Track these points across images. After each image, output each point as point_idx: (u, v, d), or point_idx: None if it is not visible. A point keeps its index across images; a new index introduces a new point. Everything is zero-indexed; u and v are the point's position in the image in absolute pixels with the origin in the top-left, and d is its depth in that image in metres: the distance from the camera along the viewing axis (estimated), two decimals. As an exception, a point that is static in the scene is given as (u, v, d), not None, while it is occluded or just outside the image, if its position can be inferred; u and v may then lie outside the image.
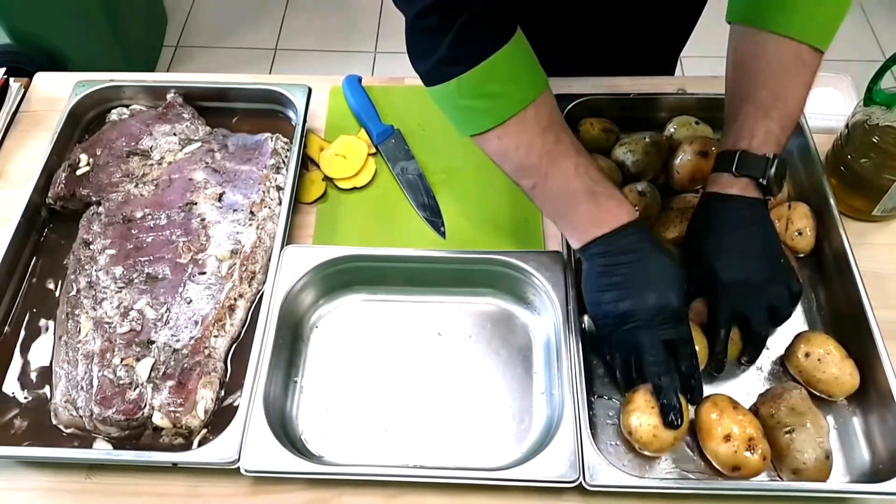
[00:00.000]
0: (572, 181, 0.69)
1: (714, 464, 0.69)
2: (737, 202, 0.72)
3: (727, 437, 0.67)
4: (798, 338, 0.75)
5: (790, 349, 0.75)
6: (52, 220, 0.88)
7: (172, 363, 0.73)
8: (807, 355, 0.73)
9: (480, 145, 0.71)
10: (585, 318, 0.77)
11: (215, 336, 0.76)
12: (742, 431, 0.67)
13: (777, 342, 0.77)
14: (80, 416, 0.71)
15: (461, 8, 0.63)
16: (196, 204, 0.85)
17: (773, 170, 0.71)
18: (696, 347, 0.70)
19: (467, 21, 0.63)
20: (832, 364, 0.72)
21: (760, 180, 0.72)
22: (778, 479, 0.69)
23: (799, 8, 0.71)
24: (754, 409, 0.72)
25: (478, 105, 0.67)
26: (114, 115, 0.95)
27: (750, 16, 0.74)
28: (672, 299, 0.68)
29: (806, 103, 0.74)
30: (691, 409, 0.70)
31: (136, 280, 0.79)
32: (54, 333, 0.78)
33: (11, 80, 1.02)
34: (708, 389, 0.73)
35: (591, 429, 0.68)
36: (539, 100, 0.68)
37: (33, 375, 0.76)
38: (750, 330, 0.72)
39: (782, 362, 0.76)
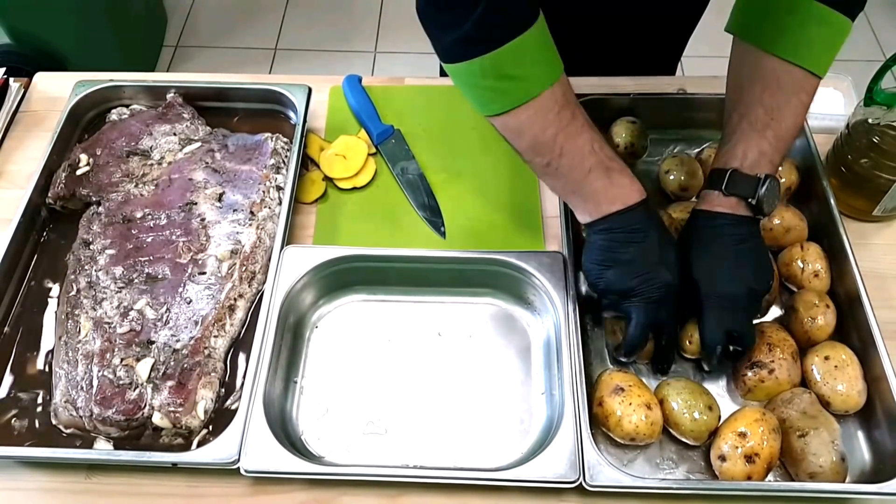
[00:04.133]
0: (587, 157, 0.69)
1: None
2: (724, 219, 0.73)
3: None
4: (818, 345, 0.75)
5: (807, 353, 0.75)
6: (52, 220, 0.88)
7: (172, 363, 0.73)
8: (826, 358, 0.73)
9: (494, 123, 0.71)
10: (582, 286, 0.77)
11: (215, 336, 0.76)
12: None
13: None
14: (80, 417, 0.71)
15: None
16: (196, 204, 0.85)
17: (763, 189, 0.71)
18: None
19: (493, 2, 0.62)
20: (845, 378, 0.72)
21: (750, 200, 0.72)
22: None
23: (799, 33, 0.71)
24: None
25: (498, 86, 0.67)
26: (114, 115, 0.95)
27: (752, 34, 0.74)
28: (673, 281, 0.70)
29: (802, 125, 0.74)
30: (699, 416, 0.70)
31: (135, 280, 0.79)
32: (54, 333, 0.78)
33: (11, 80, 1.01)
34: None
35: (591, 429, 0.68)
36: (557, 83, 0.68)
37: (33, 376, 0.76)
38: (740, 347, 0.73)
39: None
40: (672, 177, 0.87)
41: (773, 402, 0.72)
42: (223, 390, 0.75)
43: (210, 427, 0.72)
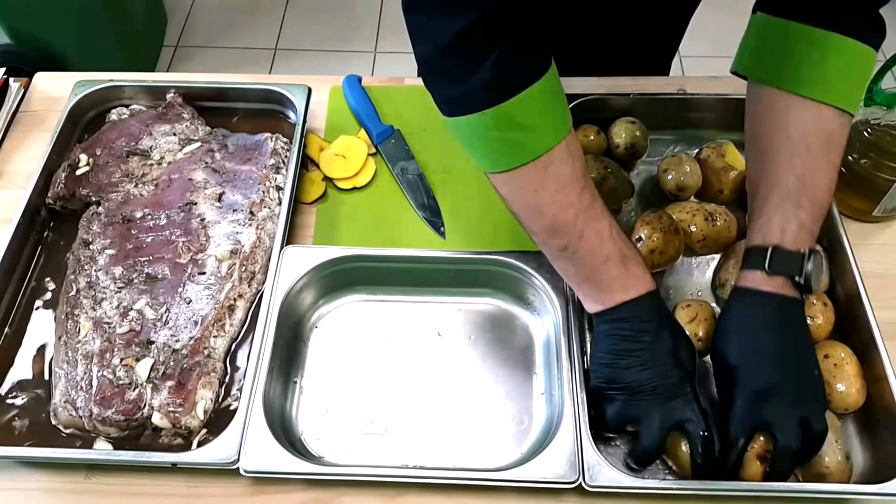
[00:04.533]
0: (606, 244, 0.66)
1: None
2: (772, 300, 0.67)
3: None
4: (817, 344, 0.74)
5: None
6: (51, 220, 0.88)
7: (172, 363, 0.73)
8: (826, 357, 0.72)
9: (506, 182, 0.66)
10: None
11: (215, 336, 0.76)
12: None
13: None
14: (80, 417, 0.71)
15: (500, 33, 0.58)
16: (196, 204, 0.85)
17: (809, 265, 0.67)
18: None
19: (506, 49, 0.58)
20: (844, 376, 0.71)
21: (797, 278, 0.67)
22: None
23: (824, 66, 0.66)
24: None
25: (512, 137, 0.62)
26: (113, 115, 0.95)
27: (768, 73, 0.69)
28: (686, 375, 0.66)
29: (834, 187, 0.69)
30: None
31: (135, 280, 0.79)
32: (54, 333, 0.78)
33: (11, 80, 1.01)
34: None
35: (590, 429, 0.68)
36: (569, 135, 0.64)
37: (33, 375, 0.76)
38: (777, 444, 0.65)
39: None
40: (670, 176, 0.87)
41: None
42: (223, 390, 0.75)
43: (209, 427, 0.72)
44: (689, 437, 0.65)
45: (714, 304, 0.79)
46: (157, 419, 0.71)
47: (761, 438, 0.66)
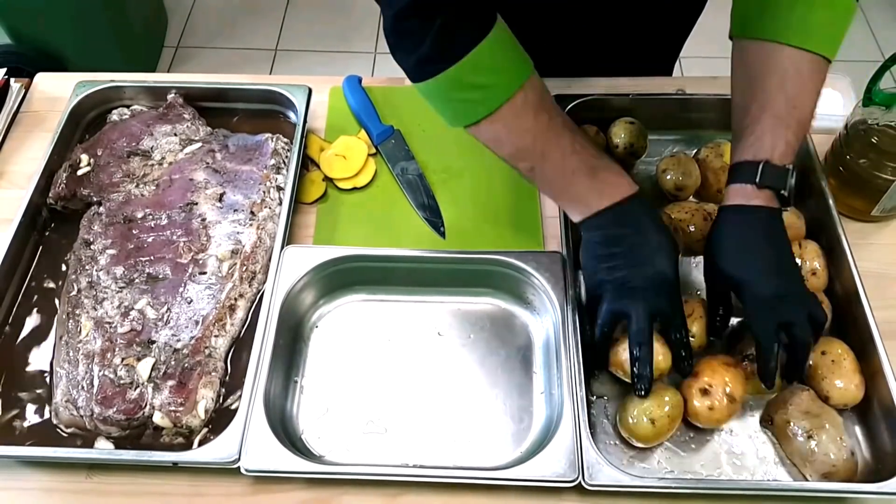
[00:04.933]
0: (570, 159, 0.70)
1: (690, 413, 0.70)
2: (763, 213, 0.71)
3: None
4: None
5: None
6: (52, 220, 0.89)
7: (173, 363, 0.74)
8: (823, 353, 0.73)
9: (474, 134, 0.72)
10: (582, 290, 0.77)
11: (216, 336, 0.76)
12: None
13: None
14: (81, 416, 0.71)
15: (439, 8, 0.63)
16: (197, 204, 0.85)
17: (792, 180, 0.71)
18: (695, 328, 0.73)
19: (446, 20, 0.63)
20: (842, 372, 0.72)
21: (782, 192, 0.71)
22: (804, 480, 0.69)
23: (806, 19, 0.70)
24: (768, 419, 0.72)
25: (467, 97, 0.68)
26: (114, 116, 0.96)
27: (756, 30, 0.73)
28: (668, 272, 0.70)
29: (816, 109, 0.73)
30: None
31: (136, 280, 0.79)
32: (55, 333, 0.78)
33: (12, 80, 1.02)
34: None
35: (590, 428, 0.68)
36: (527, 84, 0.68)
37: (34, 375, 0.76)
38: (797, 340, 0.69)
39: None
40: (669, 176, 0.87)
41: (773, 404, 0.72)
42: (223, 390, 0.75)
43: (210, 426, 0.72)
44: (669, 328, 0.70)
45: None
46: (158, 418, 0.71)
47: (784, 336, 0.69)
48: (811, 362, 0.73)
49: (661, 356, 0.70)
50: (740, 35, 0.76)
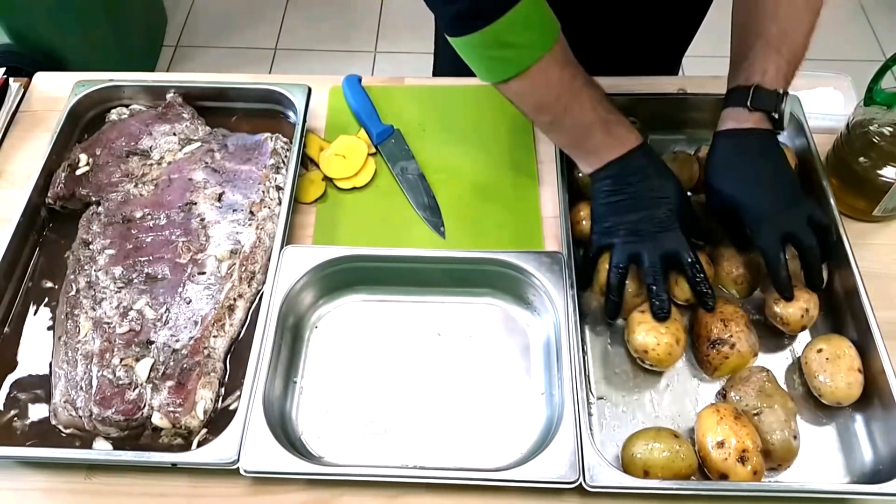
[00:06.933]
0: (588, 114, 0.74)
1: (704, 465, 0.69)
2: (756, 134, 0.75)
3: (721, 444, 0.67)
4: (816, 338, 0.76)
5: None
6: (51, 219, 0.88)
7: (172, 363, 0.73)
8: (819, 351, 0.73)
9: (501, 90, 0.75)
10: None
11: (215, 336, 0.76)
12: (739, 442, 0.67)
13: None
14: (80, 417, 0.71)
15: None
16: (196, 204, 0.85)
17: (784, 104, 0.74)
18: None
19: None
20: (835, 370, 0.72)
21: (773, 114, 0.74)
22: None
23: None
24: (722, 393, 0.74)
25: (501, 55, 0.71)
26: (113, 115, 0.95)
27: None
28: (673, 213, 0.73)
29: (809, 43, 0.77)
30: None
31: (135, 280, 0.79)
32: (54, 333, 0.78)
33: (11, 80, 1.01)
34: (706, 390, 0.72)
35: (590, 430, 0.68)
36: (556, 44, 0.71)
37: (33, 376, 0.76)
38: (803, 246, 0.73)
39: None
40: None
41: (732, 380, 0.74)
42: (223, 390, 0.75)
43: (209, 427, 0.72)
44: (681, 264, 0.74)
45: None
46: (157, 419, 0.70)
47: (791, 247, 0.73)
48: (803, 356, 0.74)
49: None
50: None
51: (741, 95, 0.75)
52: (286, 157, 0.90)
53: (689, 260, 0.73)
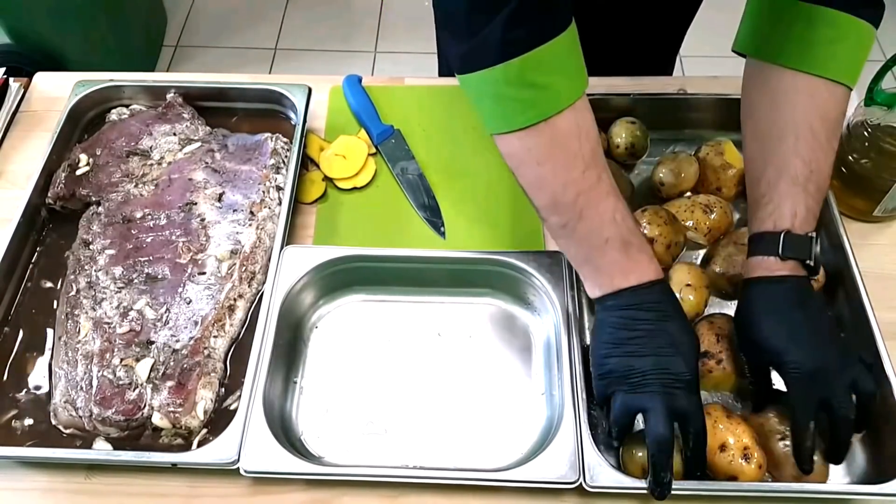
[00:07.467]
0: (607, 227, 0.65)
1: (710, 470, 0.68)
2: (791, 283, 0.68)
3: (722, 447, 0.67)
4: None
5: None
6: (51, 220, 0.88)
7: (172, 363, 0.73)
8: None
9: (509, 143, 0.65)
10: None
11: (215, 336, 0.76)
12: (738, 441, 0.67)
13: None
14: (80, 417, 0.71)
15: None
16: (196, 204, 0.85)
17: (817, 248, 0.68)
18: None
19: (520, 6, 0.58)
20: None
21: (808, 262, 0.68)
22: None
23: (824, 42, 0.68)
24: (744, 418, 0.72)
25: (522, 95, 0.62)
26: (113, 115, 0.95)
27: (768, 51, 0.70)
28: (689, 367, 0.64)
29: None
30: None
31: (135, 280, 0.79)
32: (54, 334, 0.78)
33: (11, 80, 1.01)
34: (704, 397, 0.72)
35: (591, 430, 0.68)
36: (580, 102, 0.63)
37: (33, 376, 0.76)
38: (836, 416, 0.65)
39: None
40: (665, 175, 0.87)
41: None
42: (223, 390, 0.75)
43: (209, 427, 0.72)
44: (688, 432, 0.64)
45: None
46: (157, 419, 0.70)
47: (823, 415, 0.65)
48: None
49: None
50: (747, 53, 0.73)
51: (771, 243, 0.68)
52: (286, 157, 0.90)
53: (698, 427, 0.64)
